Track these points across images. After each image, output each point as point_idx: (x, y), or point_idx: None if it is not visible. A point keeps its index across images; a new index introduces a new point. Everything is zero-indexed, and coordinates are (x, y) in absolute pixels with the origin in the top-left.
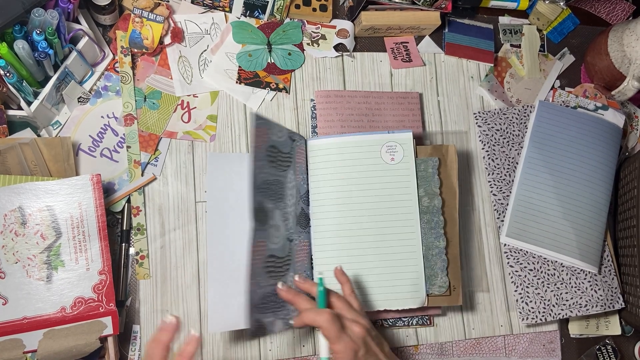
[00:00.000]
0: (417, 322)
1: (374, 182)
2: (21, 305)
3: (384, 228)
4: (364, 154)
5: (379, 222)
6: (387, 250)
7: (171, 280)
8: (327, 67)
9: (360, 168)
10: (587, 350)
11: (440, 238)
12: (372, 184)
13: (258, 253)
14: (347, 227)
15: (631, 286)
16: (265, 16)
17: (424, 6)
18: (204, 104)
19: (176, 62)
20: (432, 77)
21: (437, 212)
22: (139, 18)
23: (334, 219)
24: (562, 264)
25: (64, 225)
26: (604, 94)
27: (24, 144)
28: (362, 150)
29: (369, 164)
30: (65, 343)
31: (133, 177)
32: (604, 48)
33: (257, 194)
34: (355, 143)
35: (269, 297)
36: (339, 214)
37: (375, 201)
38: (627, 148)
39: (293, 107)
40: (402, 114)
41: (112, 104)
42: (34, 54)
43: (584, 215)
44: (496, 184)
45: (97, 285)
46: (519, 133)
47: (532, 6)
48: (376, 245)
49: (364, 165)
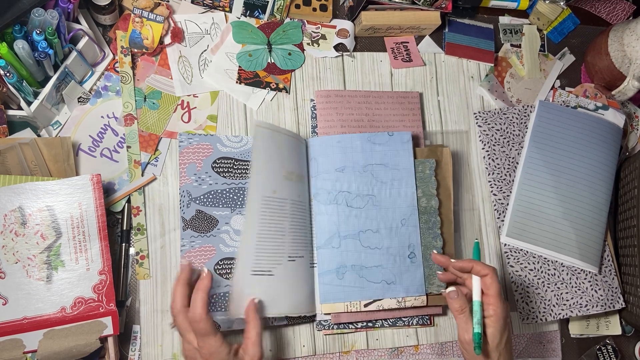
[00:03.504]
0: (418, 322)
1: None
2: (21, 306)
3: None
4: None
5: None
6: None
7: (171, 280)
8: (327, 67)
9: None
10: (588, 350)
11: (437, 238)
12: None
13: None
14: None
15: (631, 286)
16: (266, 16)
17: (424, 6)
18: (204, 104)
19: (176, 62)
20: (432, 77)
21: (434, 212)
22: (139, 18)
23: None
24: (562, 263)
25: (64, 225)
26: (604, 94)
27: (24, 144)
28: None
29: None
30: (65, 343)
31: (133, 177)
32: (604, 48)
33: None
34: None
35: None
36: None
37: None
38: (627, 148)
39: (293, 107)
40: (402, 113)
41: (112, 104)
42: (34, 54)
43: (584, 215)
44: (496, 184)
45: (97, 285)
46: (519, 133)
47: (532, 6)
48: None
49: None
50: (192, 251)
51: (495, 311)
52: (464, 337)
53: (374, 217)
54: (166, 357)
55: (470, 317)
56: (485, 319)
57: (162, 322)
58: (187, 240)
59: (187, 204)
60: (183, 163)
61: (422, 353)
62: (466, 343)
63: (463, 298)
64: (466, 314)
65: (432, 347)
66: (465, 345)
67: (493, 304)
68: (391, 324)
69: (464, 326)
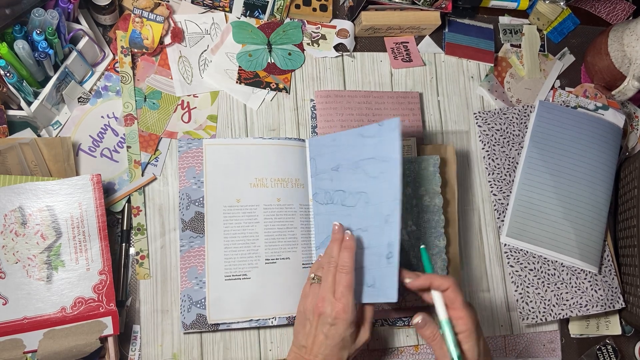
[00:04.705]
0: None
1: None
2: (21, 305)
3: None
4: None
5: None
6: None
7: (171, 280)
8: (327, 67)
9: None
10: (588, 350)
11: (440, 237)
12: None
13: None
14: None
15: (631, 286)
16: (266, 16)
17: (424, 6)
18: (204, 104)
19: (176, 62)
20: (432, 77)
21: (437, 211)
22: (139, 18)
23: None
24: (562, 263)
25: (64, 225)
26: (604, 94)
27: (24, 144)
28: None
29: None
30: (65, 343)
31: (133, 177)
32: (604, 48)
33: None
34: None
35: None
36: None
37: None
38: (627, 148)
39: (293, 107)
40: (402, 113)
41: (112, 104)
42: (34, 54)
43: (584, 215)
44: (496, 184)
45: (97, 285)
46: (519, 133)
47: (532, 6)
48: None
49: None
50: (192, 251)
51: (466, 324)
52: None
53: (363, 216)
54: (166, 357)
55: (443, 340)
56: (458, 335)
57: (162, 322)
58: (187, 241)
59: (187, 206)
60: (182, 167)
61: (422, 353)
62: None
63: (432, 323)
64: (438, 338)
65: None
66: None
67: (462, 317)
68: (391, 324)
69: (440, 352)
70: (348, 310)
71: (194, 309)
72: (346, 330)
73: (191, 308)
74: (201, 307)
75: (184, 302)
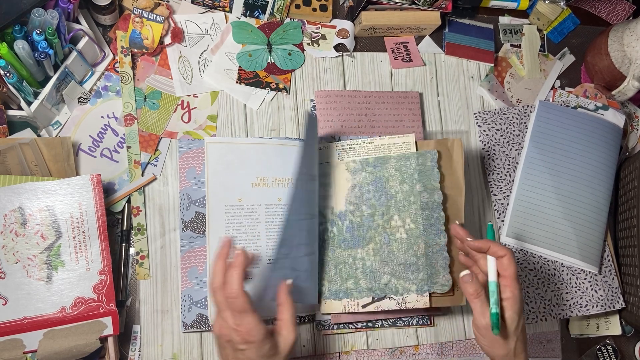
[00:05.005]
0: (418, 322)
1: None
2: (21, 306)
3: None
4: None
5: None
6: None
7: (171, 280)
8: (327, 67)
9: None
10: (588, 350)
11: (440, 235)
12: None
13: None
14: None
15: (631, 286)
16: (266, 16)
17: (424, 6)
18: (204, 104)
19: (176, 62)
20: (432, 77)
21: (437, 207)
22: (139, 18)
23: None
24: (562, 264)
25: (64, 226)
26: (604, 94)
27: (24, 144)
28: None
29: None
30: (65, 343)
31: (133, 177)
32: (604, 48)
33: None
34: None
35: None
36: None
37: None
38: (627, 148)
39: (293, 107)
40: (402, 113)
41: (112, 104)
42: (34, 54)
43: (584, 215)
44: (496, 184)
45: (97, 285)
46: (519, 133)
47: (532, 6)
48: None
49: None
50: (192, 251)
51: (513, 293)
52: (480, 322)
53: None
54: (166, 357)
55: (486, 301)
56: (502, 301)
57: (162, 322)
58: (187, 241)
59: (187, 207)
60: (183, 167)
61: (422, 353)
62: (483, 328)
63: (477, 282)
64: (482, 297)
65: (432, 347)
66: (482, 330)
67: (510, 285)
68: (391, 324)
69: (479, 310)
70: (253, 332)
71: (194, 308)
72: (260, 350)
73: (192, 308)
74: (202, 307)
75: (184, 302)
